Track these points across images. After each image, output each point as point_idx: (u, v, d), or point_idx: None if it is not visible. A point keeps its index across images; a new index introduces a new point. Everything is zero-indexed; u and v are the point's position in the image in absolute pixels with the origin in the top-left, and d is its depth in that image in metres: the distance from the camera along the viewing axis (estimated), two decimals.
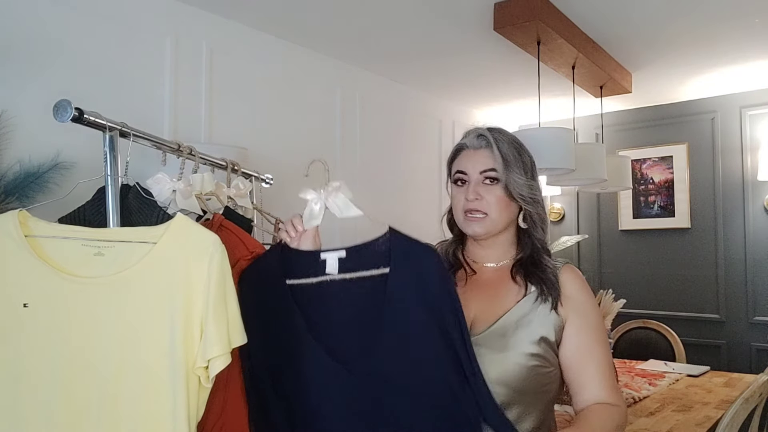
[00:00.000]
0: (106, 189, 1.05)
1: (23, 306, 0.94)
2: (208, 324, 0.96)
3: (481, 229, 1.21)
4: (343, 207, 1.10)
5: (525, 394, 1.12)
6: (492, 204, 1.20)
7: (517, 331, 1.14)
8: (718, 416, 1.98)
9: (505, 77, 3.44)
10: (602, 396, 1.13)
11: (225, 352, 0.96)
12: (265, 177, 1.65)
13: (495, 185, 1.20)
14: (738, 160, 3.74)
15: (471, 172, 1.22)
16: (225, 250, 1.00)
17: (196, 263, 0.97)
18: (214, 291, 0.97)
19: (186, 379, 0.95)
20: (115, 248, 0.98)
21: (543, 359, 1.14)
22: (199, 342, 0.96)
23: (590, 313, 1.19)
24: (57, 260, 0.96)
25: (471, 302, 1.19)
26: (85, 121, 1.03)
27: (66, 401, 0.93)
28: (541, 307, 1.16)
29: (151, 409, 0.94)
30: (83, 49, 2.10)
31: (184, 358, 0.95)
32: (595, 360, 1.16)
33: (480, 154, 1.22)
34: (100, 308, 0.95)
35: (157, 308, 0.96)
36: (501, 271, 1.25)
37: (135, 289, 0.96)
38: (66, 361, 0.94)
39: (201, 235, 1.01)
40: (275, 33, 2.78)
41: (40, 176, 1.81)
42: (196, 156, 1.32)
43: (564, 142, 2.57)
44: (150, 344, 0.95)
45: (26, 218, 0.99)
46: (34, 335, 0.94)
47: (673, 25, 2.71)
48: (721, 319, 3.75)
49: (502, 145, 1.21)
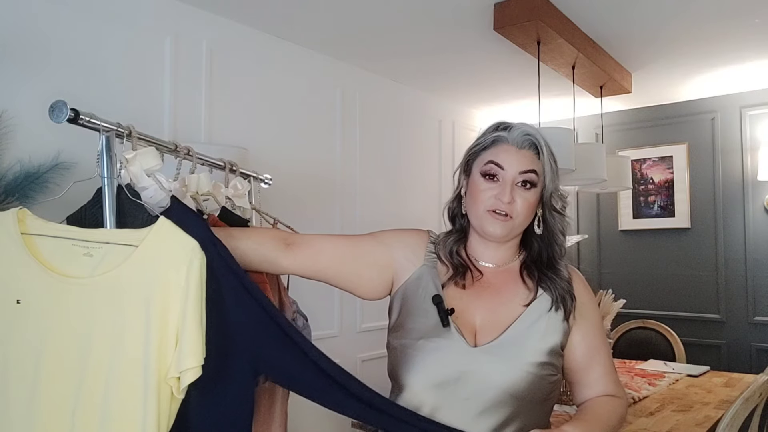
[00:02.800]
0: (103, 190, 1.05)
1: (16, 302, 0.95)
2: (184, 333, 0.94)
3: (503, 231, 1.14)
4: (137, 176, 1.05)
5: (531, 403, 1.08)
6: (521, 209, 1.14)
7: (528, 340, 1.10)
8: (718, 416, 1.98)
9: (505, 77, 3.44)
10: (607, 391, 1.15)
11: (198, 364, 0.94)
12: (264, 177, 1.64)
13: (530, 190, 1.14)
14: (738, 160, 3.74)
15: (509, 169, 1.13)
16: (204, 256, 0.98)
17: (175, 269, 0.96)
18: (191, 299, 0.95)
19: (157, 387, 0.94)
20: (103, 249, 0.98)
21: (553, 367, 1.11)
22: (173, 351, 0.95)
23: (593, 317, 1.19)
24: (48, 258, 0.97)
25: (475, 310, 1.15)
26: (81, 121, 1.02)
27: (47, 398, 0.94)
28: (554, 315, 1.13)
29: (123, 414, 0.93)
30: (83, 49, 2.10)
31: (157, 365, 0.94)
32: (602, 362, 1.17)
33: (523, 154, 1.15)
34: (85, 308, 0.96)
35: (134, 312, 0.95)
36: (504, 273, 1.20)
37: (116, 292, 0.96)
38: (51, 358, 0.94)
39: (181, 240, 0.99)
40: (275, 33, 2.78)
41: (40, 176, 1.81)
42: (194, 156, 1.32)
43: (564, 142, 2.57)
44: (126, 348, 0.94)
45: (25, 215, 1.00)
46: (24, 331, 0.95)
47: (673, 25, 2.70)
48: (721, 319, 3.75)
49: (548, 150, 1.16)
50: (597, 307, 1.23)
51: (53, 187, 1.81)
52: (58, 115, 1.00)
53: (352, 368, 3.11)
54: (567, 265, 1.22)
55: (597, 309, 1.22)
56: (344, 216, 3.13)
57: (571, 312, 1.14)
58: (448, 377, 1.08)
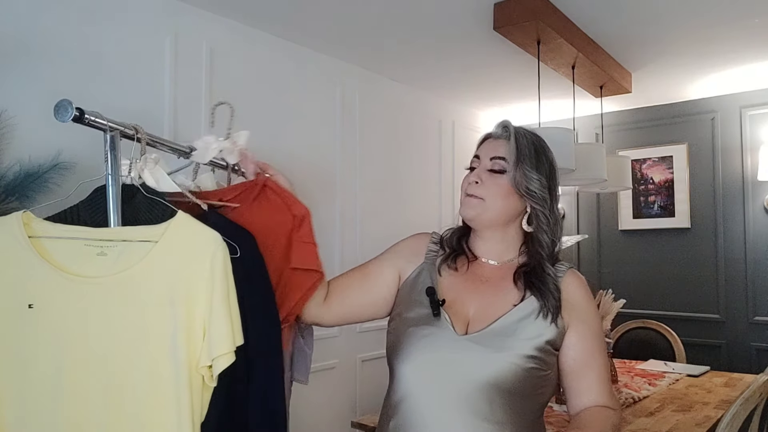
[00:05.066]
0: (107, 189, 1.04)
1: (28, 307, 0.94)
2: (212, 323, 0.96)
3: (473, 211, 1.19)
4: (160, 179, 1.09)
5: (517, 396, 1.09)
6: (491, 191, 1.18)
7: (517, 332, 1.12)
8: (718, 416, 1.98)
9: (505, 77, 3.44)
10: (600, 401, 1.15)
11: (230, 350, 0.96)
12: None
13: (501, 175, 1.19)
14: (738, 160, 3.74)
15: (483, 157, 1.22)
16: (227, 247, 1.00)
17: (198, 262, 0.97)
18: (217, 289, 0.97)
19: (189, 378, 0.95)
20: (117, 247, 0.98)
21: (542, 362, 1.11)
22: (201, 341, 0.96)
23: (592, 321, 1.19)
24: (60, 261, 0.96)
25: (470, 298, 1.18)
26: (86, 121, 1.02)
27: (71, 402, 0.93)
28: (541, 318, 1.14)
29: (156, 410, 0.94)
30: (83, 49, 2.10)
31: (186, 357, 0.95)
32: (596, 368, 1.16)
33: (497, 143, 1.22)
34: (104, 308, 0.95)
35: (159, 307, 0.96)
36: (503, 269, 1.23)
37: (137, 289, 0.96)
38: (71, 361, 0.94)
39: (202, 232, 1.00)
40: (275, 33, 2.78)
41: (40, 176, 1.81)
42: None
43: (564, 142, 2.56)
44: (153, 343, 0.95)
45: (30, 219, 0.99)
46: (40, 336, 0.94)
47: (673, 25, 2.70)
48: (721, 319, 3.75)
49: (522, 139, 1.20)
50: (597, 314, 1.23)
51: (53, 187, 1.81)
52: (63, 114, 1.00)
53: (352, 368, 3.13)
54: (569, 268, 1.23)
55: (597, 316, 1.22)
56: (344, 216, 3.13)
57: (558, 314, 1.15)
58: (436, 363, 1.11)
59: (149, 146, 1.13)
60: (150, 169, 1.08)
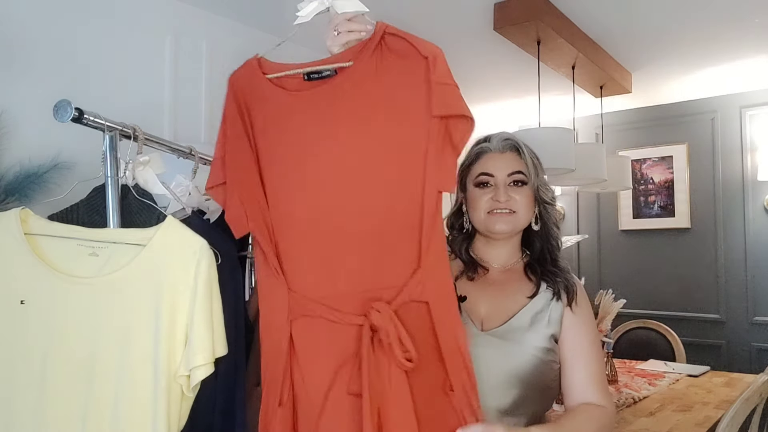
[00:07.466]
0: (107, 189, 1.05)
1: (20, 303, 0.94)
2: (193, 331, 0.94)
3: (508, 225, 1.23)
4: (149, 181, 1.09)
5: (537, 388, 1.14)
6: (520, 203, 1.22)
7: (534, 326, 1.17)
8: (718, 416, 1.98)
9: (505, 77, 3.44)
10: (591, 397, 1.15)
11: (208, 361, 0.94)
12: None
13: (522, 188, 1.23)
14: (738, 160, 3.74)
15: (498, 174, 1.24)
16: (213, 255, 0.98)
17: (183, 268, 0.96)
18: (200, 298, 0.95)
19: (167, 387, 0.94)
20: (108, 249, 0.98)
21: (555, 354, 1.17)
22: (182, 350, 0.95)
23: (588, 323, 1.23)
24: (53, 259, 0.97)
25: (480, 300, 1.22)
26: (85, 121, 1.02)
27: (55, 398, 0.93)
28: (555, 305, 1.19)
29: (133, 414, 0.93)
30: (83, 49, 2.10)
31: (167, 365, 0.94)
32: (589, 364, 1.18)
33: (507, 157, 1.25)
34: (92, 308, 0.95)
35: (143, 312, 0.95)
36: (509, 272, 1.28)
37: (123, 291, 0.96)
38: (58, 359, 0.94)
39: (189, 239, 0.99)
40: (276, 33, 2.78)
41: (40, 176, 1.81)
42: (196, 156, 1.32)
43: (564, 142, 2.57)
44: (135, 348, 0.94)
45: (28, 216, 0.99)
46: (29, 332, 0.94)
47: (673, 25, 2.70)
48: (721, 319, 3.75)
49: (527, 149, 1.25)
50: (593, 318, 1.27)
51: (53, 187, 1.81)
52: (62, 114, 1.00)
53: None
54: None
55: (592, 319, 1.26)
56: None
57: (573, 299, 1.20)
58: None
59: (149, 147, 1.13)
60: (139, 171, 1.08)
